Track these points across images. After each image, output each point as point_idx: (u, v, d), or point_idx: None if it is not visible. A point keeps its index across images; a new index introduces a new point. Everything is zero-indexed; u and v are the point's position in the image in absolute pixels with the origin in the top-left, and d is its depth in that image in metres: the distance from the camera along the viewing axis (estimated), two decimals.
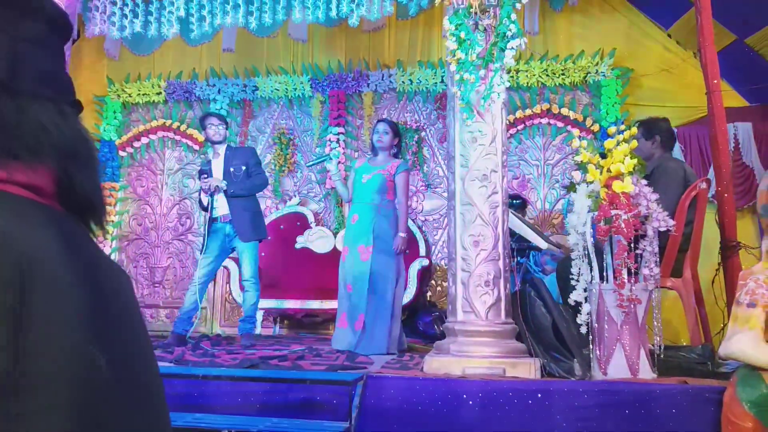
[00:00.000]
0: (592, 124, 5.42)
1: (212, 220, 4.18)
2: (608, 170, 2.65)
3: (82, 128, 0.67)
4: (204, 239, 4.23)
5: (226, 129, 4.38)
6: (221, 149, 4.30)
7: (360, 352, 3.59)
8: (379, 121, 4.29)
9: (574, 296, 2.64)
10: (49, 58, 0.65)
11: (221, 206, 4.18)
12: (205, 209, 4.27)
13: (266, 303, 5.18)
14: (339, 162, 5.82)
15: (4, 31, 0.60)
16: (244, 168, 4.22)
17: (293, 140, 6.08)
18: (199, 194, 4.32)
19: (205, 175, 4.21)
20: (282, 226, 5.80)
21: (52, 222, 0.58)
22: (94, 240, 0.68)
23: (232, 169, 4.20)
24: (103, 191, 0.71)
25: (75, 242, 0.60)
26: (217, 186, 4.13)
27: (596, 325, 2.58)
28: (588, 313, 2.60)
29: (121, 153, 6.33)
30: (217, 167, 4.26)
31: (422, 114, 5.90)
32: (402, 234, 3.93)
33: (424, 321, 4.69)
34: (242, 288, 4.32)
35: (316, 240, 5.63)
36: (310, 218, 5.78)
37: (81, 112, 0.71)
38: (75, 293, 0.53)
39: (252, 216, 4.22)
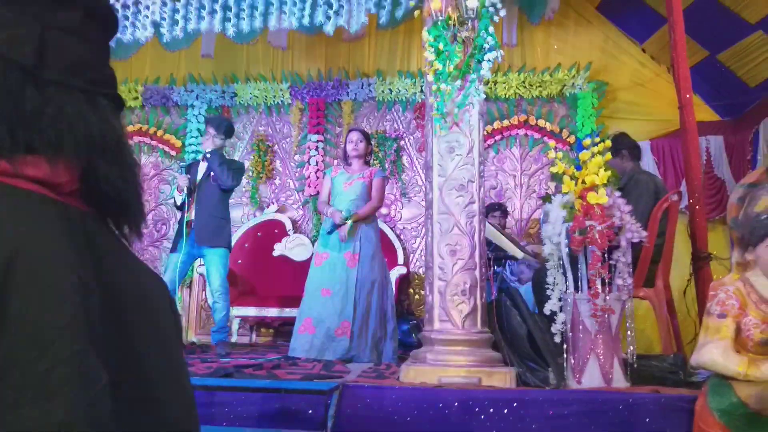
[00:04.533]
0: (568, 136, 5.49)
1: (187, 224, 4.14)
2: (583, 182, 2.69)
3: (116, 123, 0.62)
4: (174, 237, 4.23)
5: (223, 139, 4.30)
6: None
7: (351, 359, 3.61)
8: (352, 130, 4.33)
9: (549, 306, 2.66)
10: (84, 47, 0.61)
11: (193, 210, 4.16)
12: (178, 207, 4.29)
13: (243, 311, 5.14)
14: (318, 170, 5.83)
15: (36, 17, 0.57)
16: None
17: (272, 147, 6.06)
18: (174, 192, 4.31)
19: (183, 176, 4.24)
20: (259, 234, 5.77)
21: (61, 220, 0.55)
22: (125, 243, 0.63)
23: (211, 175, 4.19)
24: (142, 194, 0.67)
25: (91, 243, 0.56)
26: (186, 185, 4.15)
27: (571, 334, 2.60)
28: (563, 323, 2.62)
29: None
30: (201, 171, 4.27)
31: (401, 123, 5.92)
32: (352, 219, 3.87)
33: (401, 329, 4.67)
34: (211, 297, 4.28)
35: (294, 248, 5.60)
36: (288, 226, 5.75)
37: (122, 107, 0.66)
38: (70, 296, 0.49)
39: (218, 223, 4.17)
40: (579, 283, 2.64)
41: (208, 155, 4.20)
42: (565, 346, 2.62)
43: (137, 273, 0.62)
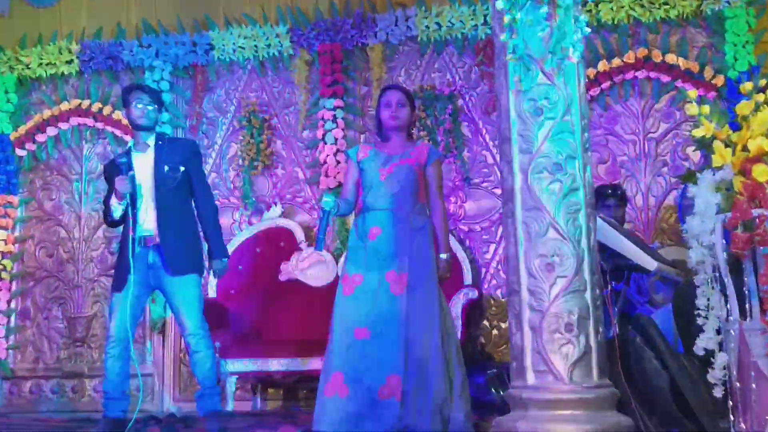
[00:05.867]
0: (713, 77, 5.36)
1: (133, 242, 4.08)
2: (744, 148, 2.62)
3: None
4: (116, 269, 4.22)
5: (159, 113, 4.38)
6: (149, 139, 4.26)
7: (405, 431, 3.58)
8: (387, 88, 4.31)
9: (703, 342, 2.62)
10: None
11: (147, 222, 4.14)
12: (112, 223, 4.29)
13: (240, 365, 5.19)
14: (337, 150, 5.82)
15: None
16: (182, 169, 4.20)
17: (269, 121, 6.10)
18: (106, 200, 4.25)
19: (123, 176, 4.07)
20: (259, 249, 5.80)
21: None
22: None
23: (166, 168, 4.17)
24: None
25: None
26: (128, 191, 4.06)
27: (738, 384, 2.55)
28: (725, 367, 2.56)
29: (19, 152, 6.38)
30: (144, 165, 4.19)
31: (458, 74, 5.89)
32: (444, 255, 3.97)
33: (474, 383, 4.65)
34: (187, 348, 4.26)
35: (310, 267, 5.61)
36: (299, 235, 5.76)
37: None
38: None
39: (190, 241, 4.22)
40: (747, 305, 2.57)
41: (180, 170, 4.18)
42: (730, 402, 2.55)
43: None
